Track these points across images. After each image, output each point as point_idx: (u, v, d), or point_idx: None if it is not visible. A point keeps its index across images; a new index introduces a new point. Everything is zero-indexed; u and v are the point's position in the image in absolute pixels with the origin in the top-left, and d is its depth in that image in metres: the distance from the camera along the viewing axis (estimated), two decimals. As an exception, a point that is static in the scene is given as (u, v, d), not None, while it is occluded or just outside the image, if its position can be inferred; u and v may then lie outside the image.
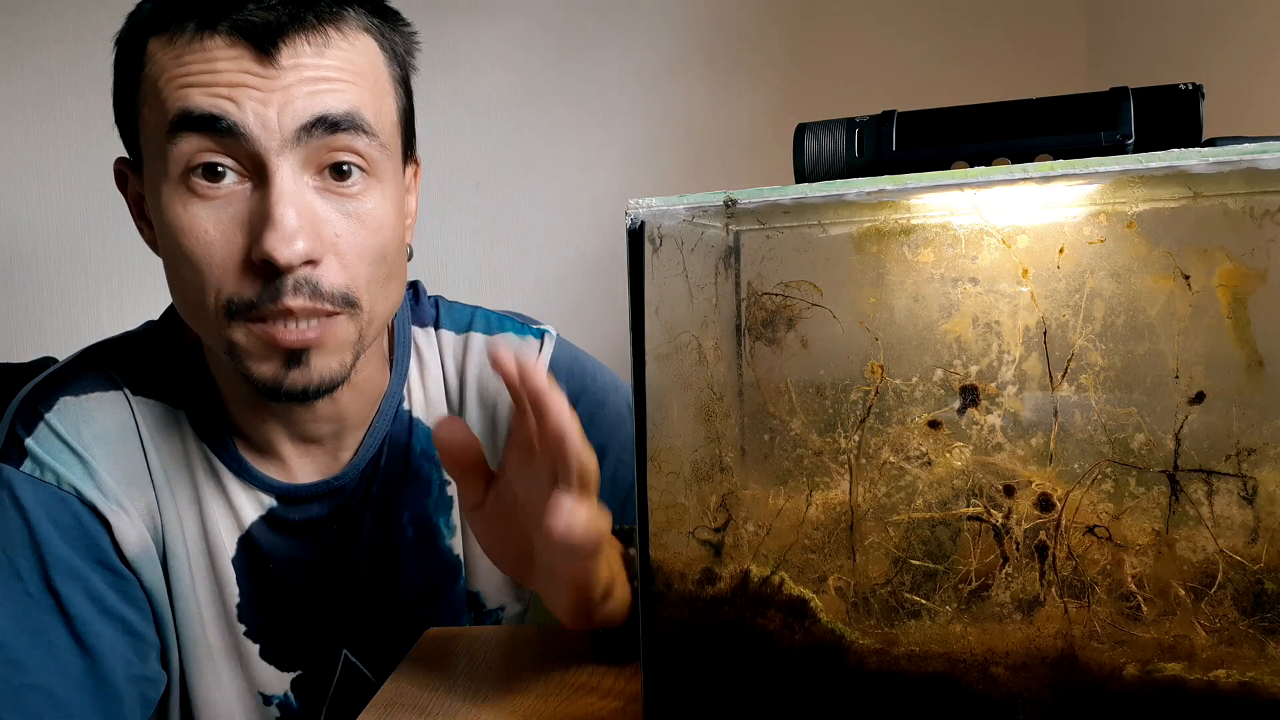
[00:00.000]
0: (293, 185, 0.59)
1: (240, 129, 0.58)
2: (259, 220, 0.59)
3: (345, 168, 0.62)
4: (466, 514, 0.58)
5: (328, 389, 0.64)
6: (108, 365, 0.72)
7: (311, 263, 0.60)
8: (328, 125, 0.60)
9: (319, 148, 0.60)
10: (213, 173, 0.59)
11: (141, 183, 0.65)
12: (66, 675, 0.64)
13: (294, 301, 0.60)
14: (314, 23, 0.60)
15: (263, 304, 0.60)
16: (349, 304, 0.63)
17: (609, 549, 0.59)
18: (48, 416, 0.68)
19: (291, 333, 0.61)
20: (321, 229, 0.61)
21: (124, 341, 0.75)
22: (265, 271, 0.59)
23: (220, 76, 0.58)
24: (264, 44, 0.59)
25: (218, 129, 0.58)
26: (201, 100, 0.58)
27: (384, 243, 0.64)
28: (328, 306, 0.61)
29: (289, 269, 0.59)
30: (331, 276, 0.61)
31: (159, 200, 0.61)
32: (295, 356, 0.62)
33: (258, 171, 0.60)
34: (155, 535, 0.71)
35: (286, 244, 0.58)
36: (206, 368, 0.72)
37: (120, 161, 0.69)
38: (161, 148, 0.60)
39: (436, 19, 1.53)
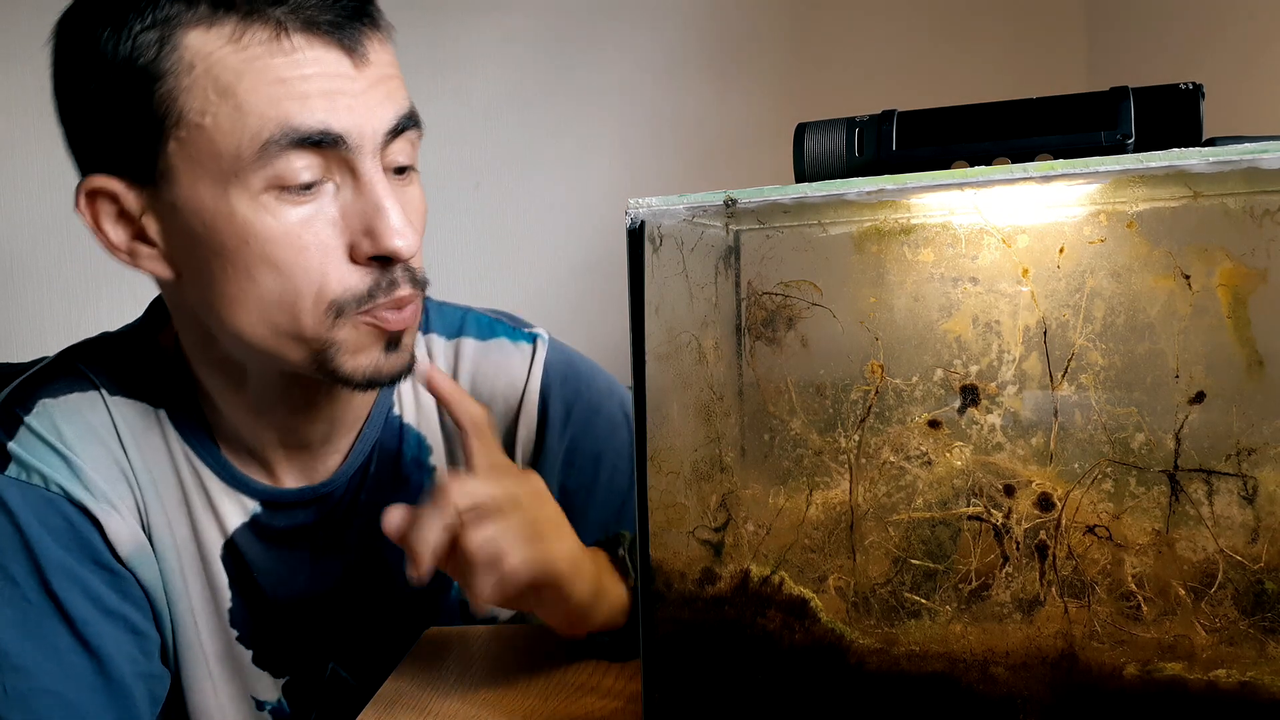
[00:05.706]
0: (386, 182, 0.61)
1: (344, 141, 0.58)
2: (360, 218, 0.60)
3: (403, 170, 0.64)
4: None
5: (410, 370, 0.66)
6: (83, 366, 0.71)
7: None
8: (400, 128, 0.61)
9: (389, 149, 0.62)
10: (308, 182, 0.59)
11: (145, 198, 0.60)
12: (74, 677, 0.64)
13: (405, 290, 0.62)
14: (372, 15, 0.61)
15: (378, 295, 0.61)
16: (425, 286, 0.66)
17: (584, 562, 0.59)
18: (27, 419, 0.67)
19: (397, 319, 0.63)
20: (411, 221, 0.63)
21: (100, 342, 0.73)
22: (378, 265, 0.61)
23: (314, 85, 0.57)
24: (351, 44, 0.58)
25: (324, 144, 0.58)
26: (307, 117, 0.57)
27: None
28: (419, 290, 0.64)
29: (409, 259, 0.61)
30: (418, 262, 0.64)
31: (226, 211, 0.58)
32: (393, 341, 0.64)
33: (348, 170, 0.60)
34: (145, 534, 0.70)
35: (403, 237, 0.60)
36: (188, 371, 0.71)
37: (95, 179, 0.60)
38: (244, 162, 0.57)
39: (437, 18, 1.53)
